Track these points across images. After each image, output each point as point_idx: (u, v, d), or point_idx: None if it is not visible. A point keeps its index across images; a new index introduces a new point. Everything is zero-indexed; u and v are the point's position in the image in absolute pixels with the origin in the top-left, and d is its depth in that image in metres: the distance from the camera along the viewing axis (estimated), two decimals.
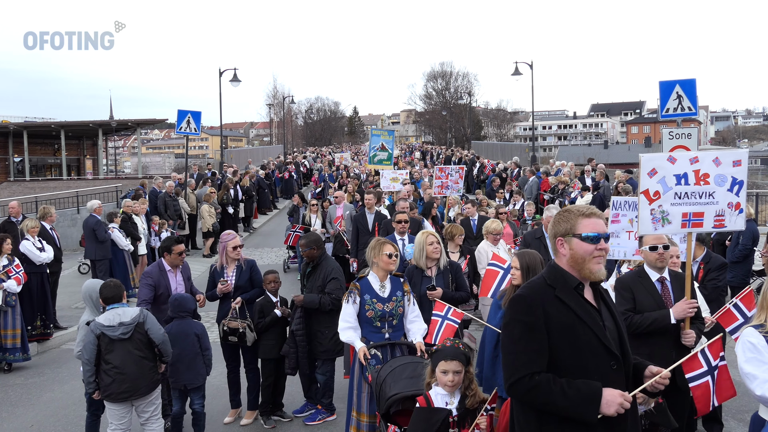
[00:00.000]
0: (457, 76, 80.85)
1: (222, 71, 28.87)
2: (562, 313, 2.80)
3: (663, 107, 10.84)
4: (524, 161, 26.53)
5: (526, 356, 2.77)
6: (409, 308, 5.23)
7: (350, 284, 5.25)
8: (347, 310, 5.10)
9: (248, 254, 17.80)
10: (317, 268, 6.49)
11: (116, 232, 12.02)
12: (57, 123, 47.23)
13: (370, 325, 5.09)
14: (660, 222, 4.44)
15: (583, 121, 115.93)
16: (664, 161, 4.40)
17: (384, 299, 5.10)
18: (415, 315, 5.25)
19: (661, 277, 4.74)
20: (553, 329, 2.77)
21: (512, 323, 2.87)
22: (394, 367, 4.52)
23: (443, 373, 3.79)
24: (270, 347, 6.46)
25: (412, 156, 41.54)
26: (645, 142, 77.86)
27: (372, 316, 5.07)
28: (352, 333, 5.06)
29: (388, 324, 5.12)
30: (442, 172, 12.29)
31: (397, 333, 5.15)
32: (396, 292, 5.17)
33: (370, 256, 5.19)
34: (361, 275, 5.25)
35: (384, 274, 5.16)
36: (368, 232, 10.14)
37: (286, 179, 28.43)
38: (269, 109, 63.64)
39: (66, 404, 7.31)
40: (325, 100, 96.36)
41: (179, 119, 18.01)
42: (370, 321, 5.08)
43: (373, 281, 5.16)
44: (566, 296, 2.83)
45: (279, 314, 6.43)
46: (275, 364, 6.49)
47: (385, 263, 5.12)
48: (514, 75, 30.50)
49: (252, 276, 6.70)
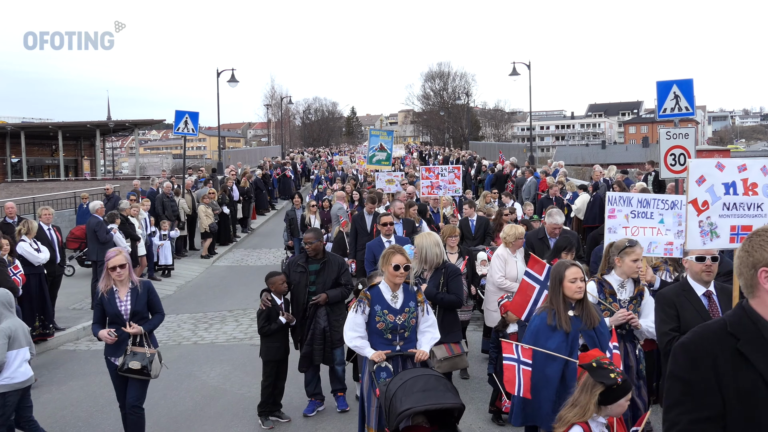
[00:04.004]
0: (455, 77, 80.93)
1: (220, 72, 28.85)
2: (740, 373, 2.02)
3: (660, 107, 10.85)
4: (522, 161, 26.55)
5: (691, 427, 2.05)
6: (422, 318, 4.94)
7: (360, 293, 4.97)
8: (356, 320, 4.82)
9: (246, 255, 17.91)
10: (326, 263, 6.60)
11: (117, 234, 12.01)
12: (54, 124, 47.15)
13: (381, 337, 4.82)
14: (708, 235, 4.26)
15: (580, 121, 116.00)
16: (713, 168, 4.24)
17: (396, 310, 4.81)
18: (428, 324, 4.97)
19: (708, 291, 4.36)
20: (725, 393, 2.03)
21: (671, 380, 2.15)
22: (405, 380, 4.27)
23: (618, 406, 3.43)
24: (275, 349, 6.46)
25: (408, 156, 41.49)
26: (642, 142, 77.91)
27: (383, 328, 4.79)
28: (361, 341, 4.81)
29: (400, 336, 4.84)
30: (430, 172, 12.22)
31: (409, 345, 4.87)
32: (409, 303, 4.86)
33: (381, 264, 4.94)
34: (372, 283, 5.01)
35: (395, 285, 4.86)
36: (367, 233, 10.19)
37: (284, 179, 28.39)
38: (267, 110, 63.79)
39: (64, 405, 7.31)
40: (322, 101, 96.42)
41: (177, 120, 18.00)
42: (380, 333, 4.80)
43: (385, 291, 4.87)
44: (753, 352, 2.03)
45: (284, 321, 6.42)
46: (277, 366, 6.52)
47: (391, 275, 4.81)
48: (511, 75, 30.54)
49: (150, 299, 5.91)
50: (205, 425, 6.66)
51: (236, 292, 13.58)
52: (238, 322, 11.22)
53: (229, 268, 16.40)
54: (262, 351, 6.52)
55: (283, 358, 6.53)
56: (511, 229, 7.45)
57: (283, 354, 6.51)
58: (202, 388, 7.77)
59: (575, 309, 4.40)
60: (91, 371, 8.59)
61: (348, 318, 4.90)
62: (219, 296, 13.33)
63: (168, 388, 7.79)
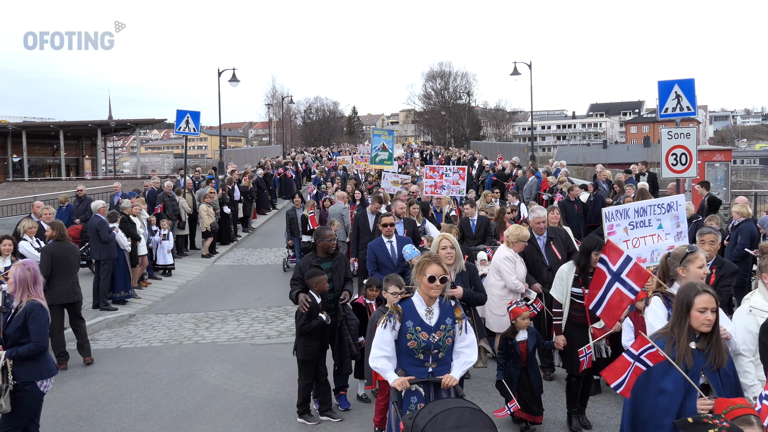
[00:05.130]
0: (456, 76, 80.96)
1: (221, 71, 28.86)
2: None
3: (662, 107, 10.85)
4: (524, 161, 26.55)
5: None
6: (459, 336, 4.31)
7: (390, 306, 4.41)
8: (384, 336, 4.24)
9: (247, 254, 17.92)
10: (339, 260, 6.74)
11: (119, 233, 12.02)
12: (56, 123, 47.25)
13: (411, 357, 4.23)
14: None
15: (582, 121, 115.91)
16: None
17: (430, 327, 4.21)
18: (465, 344, 4.34)
19: None
20: None
21: None
22: (435, 414, 3.70)
23: None
24: (312, 349, 6.43)
25: (411, 158, 41.48)
26: (644, 141, 77.88)
27: (414, 347, 4.20)
28: (386, 362, 4.24)
29: (433, 357, 4.24)
30: (434, 171, 12.23)
31: (443, 368, 4.28)
32: (445, 319, 4.25)
33: (414, 275, 4.37)
34: (405, 296, 4.45)
35: (430, 298, 4.28)
36: (369, 233, 10.22)
37: (285, 179, 28.40)
38: (268, 109, 63.64)
39: (65, 404, 7.32)
40: (324, 100, 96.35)
41: (178, 119, 18.01)
42: (411, 353, 4.22)
43: (419, 305, 4.27)
44: None
45: (324, 318, 6.36)
46: (315, 366, 6.50)
47: (425, 287, 4.23)
48: (512, 75, 30.52)
49: (27, 323, 5.10)
50: (206, 425, 6.67)
51: (237, 292, 13.59)
52: (239, 321, 11.23)
53: (230, 267, 16.41)
54: (299, 351, 6.48)
55: (321, 357, 6.53)
56: (516, 229, 7.35)
57: (320, 352, 6.50)
58: (203, 388, 7.77)
59: (699, 342, 3.87)
60: (92, 370, 8.61)
61: (376, 335, 4.31)
62: (220, 296, 13.34)
63: (169, 387, 7.80)
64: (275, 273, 15.38)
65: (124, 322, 11.43)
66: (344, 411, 6.74)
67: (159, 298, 13.15)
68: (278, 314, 11.62)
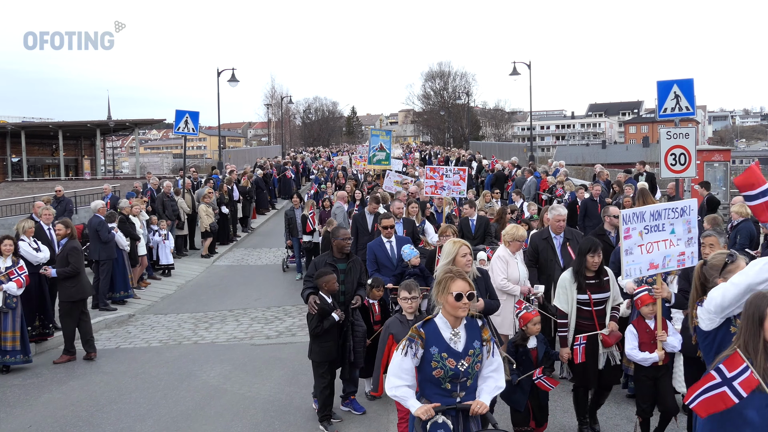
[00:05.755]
0: (455, 76, 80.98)
1: (220, 71, 28.88)
2: None
3: (661, 107, 10.84)
4: (523, 161, 26.56)
5: None
6: (487, 361, 3.83)
7: (411, 329, 3.84)
8: (403, 364, 3.71)
9: (246, 254, 17.92)
10: (353, 263, 6.65)
11: (119, 233, 12.02)
12: (55, 123, 47.18)
13: (437, 387, 3.70)
14: None
15: (581, 121, 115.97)
16: None
17: (458, 354, 3.69)
18: (493, 369, 3.86)
19: None
20: None
21: None
22: None
23: None
24: (327, 349, 6.30)
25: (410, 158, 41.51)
26: (643, 141, 77.97)
27: (440, 376, 3.67)
28: (406, 389, 3.74)
29: (461, 386, 3.72)
30: (435, 172, 12.22)
31: (472, 396, 3.80)
32: (473, 343, 3.74)
33: (435, 294, 3.82)
34: (427, 317, 3.88)
35: (456, 319, 3.75)
36: (368, 233, 10.20)
37: (284, 179, 28.40)
38: (267, 109, 63.84)
39: (64, 405, 7.31)
40: (323, 100, 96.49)
41: (177, 119, 18.01)
42: (437, 382, 3.69)
43: (443, 328, 3.73)
44: None
45: (337, 318, 6.25)
46: (331, 367, 6.38)
47: (451, 307, 3.68)
48: (512, 75, 30.57)
49: None
50: (205, 425, 6.66)
51: (236, 292, 13.59)
52: (239, 321, 11.22)
53: (230, 267, 16.40)
54: (314, 352, 6.34)
55: (336, 357, 6.40)
56: (512, 229, 7.20)
57: (336, 353, 6.37)
58: (202, 388, 7.77)
59: None
60: (91, 371, 8.60)
61: (393, 361, 3.80)
62: (219, 296, 13.33)
63: (168, 387, 7.80)
64: (274, 273, 15.38)
65: (124, 322, 11.43)
66: (361, 414, 6.67)
67: (158, 298, 13.15)
68: (277, 314, 11.61)
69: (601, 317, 5.74)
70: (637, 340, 5.56)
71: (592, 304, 5.71)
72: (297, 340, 9.78)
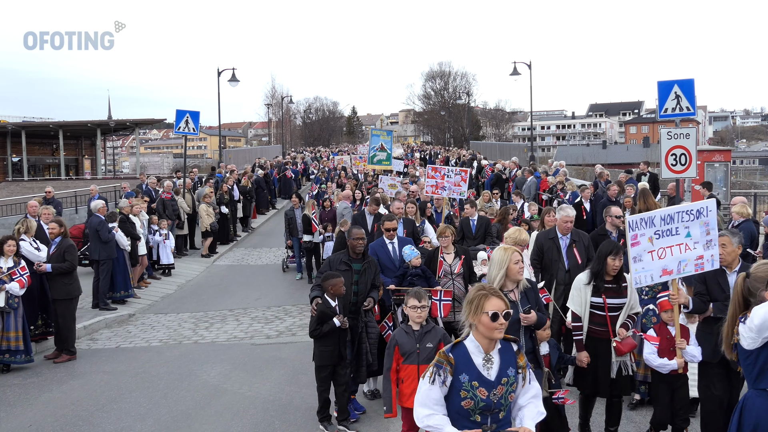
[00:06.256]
0: (456, 76, 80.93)
1: (220, 71, 28.90)
2: None
3: (661, 107, 10.83)
4: (523, 161, 26.54)
5: None
6: (523, 389, 3.46)
7: (438, 353, 3.45)
8: (432, 394, 3.31)
9: (247, 254, 17.92)
10: (368, 264, 6.60)
11: (119, 233, 12.02)
12: (55, 123, 47.20)
13: (466, 420, 3.31)
14: None
15: (581, 121, 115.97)
16: None
17: (490, 383, 3.30)
18: (532, 395, 3.48)
19: None
20: None
21: None
22: None
23: None
24: (329, 354, 6.21)
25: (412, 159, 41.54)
26: (643, 142, 77.91)
27: (470, 407, 3.28)
28: (440, 417, 3.32)
29: (493, 418, 3.33)
30: (436, 171, 12.20)
31: (504, 427, 3.45)
32: (507, 370, 3.35)
33: (466, 313, 3.42)
34: (457, 340, 3.49)
35: (490, 342, 3.37)
36: (367, 233, 10.16)
37: (285, 179, 28.40)
38: (268, 109, 63.78)
39: (64, 404, 7.31)
40: (323, 100, 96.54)
41: (178, 119, 18.01)
42: (466, 414, 3.30)
43: (474, 352, 3.35)
44: None
45: (338, 324, 6.13)
46: (333, 371, 6.30)
47: (486, 328, 3.31)
48: (512, 75, 30.56)
49: None
50: (205, 424, 6.66)
51: (237, 291, 13.59)
52: (239, 321, 11.22)
53: (230, 267, 16.41)
54: (315, 356, 6.30)
55: (338, 363, 6.27)
56: (514, 232, 6.89)
57: (337, 358, 6.25)
58: (202, 387, 7.77)
59: None
60: (92, 370, 8.60)
61: (421, 390, 3.38)
62: (219, 295, 13.33)
63: (169, 387, 7.80)
64: (275, 273, 15.38)
65: (124, 321, 11.43)
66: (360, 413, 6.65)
67: (158, 297, 13.15)
68: (278, 314, 11.61)
69: (615, 324, 5.50)
70: (656, 344, 5.39)
71: (606, 309, 5.48)
72: (297, 340, 9.78)
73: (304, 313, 11.44)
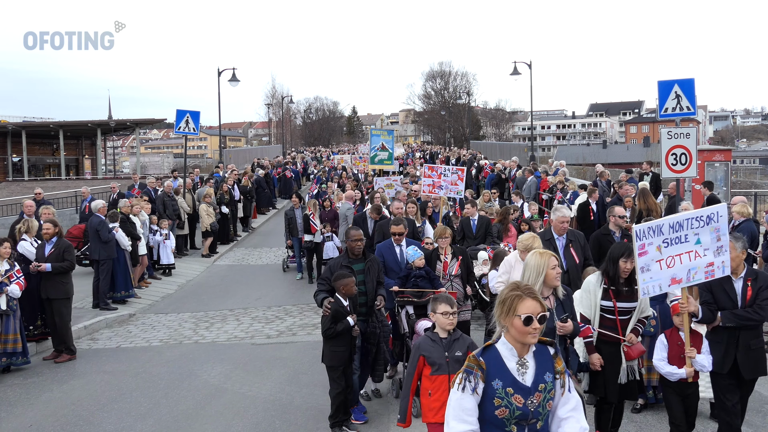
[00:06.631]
0: (456, 76, 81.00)
1: (221, 71, 28.89)
2: None
3: (661, 107, 10.84)
4: (523, 161, 26.54)
5: None
6: (562, 398, 3.13)
7: (469, 357, 3.15)
8: (464, 403, 3.02)
9: (247, 254, 17.92)
10: (370, 262, 6.57)
11: (120, 232, 12.02)
12: (55, 123, 47.22)
13: (500, 430, 3.03)
14: None
15: (581, 121, 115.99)
16: None
17: (527, 389, 3.03)
18: (571, 407, 3.14)
19: None
20: None
21: None
22: None
23: None
24: (340, 354, 6.12)
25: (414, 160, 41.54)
26: (644, 141, 77.94)
27: (505, 416, 3.01)
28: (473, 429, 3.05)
29: (529, 428, 3.05)
30: (433, 171, 12.20)
31: None
32: (544, 375, 3.07)
33: (498, 314, 3.13)
34: (487, 343, 3.19)
35: (523, 346, 3.08)
36: (367, 236, 10.16)
37: (285, 179, 28.41)
38: (268, 109, 63.62)
39: (65, 404, 7.31)
40: (323, 100, 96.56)
41: (178, 119, 18.02)
42: (500, 424, 3.03)
43: (507, 356, 3.08)
44: None
45: (352, 323, 6.07)
46: (344, 372, 6.20)
47: (519, 333, 3.02)
48: (512, 75, 30.55)
49: None
50: (206, 424, 6.67)
51: (237, 291, 13.60)
52: (239, 321, 11.23)
53: (230, 267, 16.41)
54: (326, 357, 6.18)
55: (349, 363, 6.23)
56: (528, 239, 6.61)
57: (349, 358, 6.21)
58: (203, 387, 7.77)
59: None
60: (92, 370, 8.60)
61: (451, 401, 3.10)
62: (220, 295, 13.34)
63: (169, 387, 7.80)
64: (275, 273, 15.38)
65: (124, 321, 11.43)
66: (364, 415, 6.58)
67: (159, 297, 13.16)
68: (278, 314, 11.62)
69: (626, 328, 5.36)
70: (666, 351, 5.24)
71: (616, 313, 5.33)
72: (297, 340, 9.79)
73: (305, 313, 11.45)
